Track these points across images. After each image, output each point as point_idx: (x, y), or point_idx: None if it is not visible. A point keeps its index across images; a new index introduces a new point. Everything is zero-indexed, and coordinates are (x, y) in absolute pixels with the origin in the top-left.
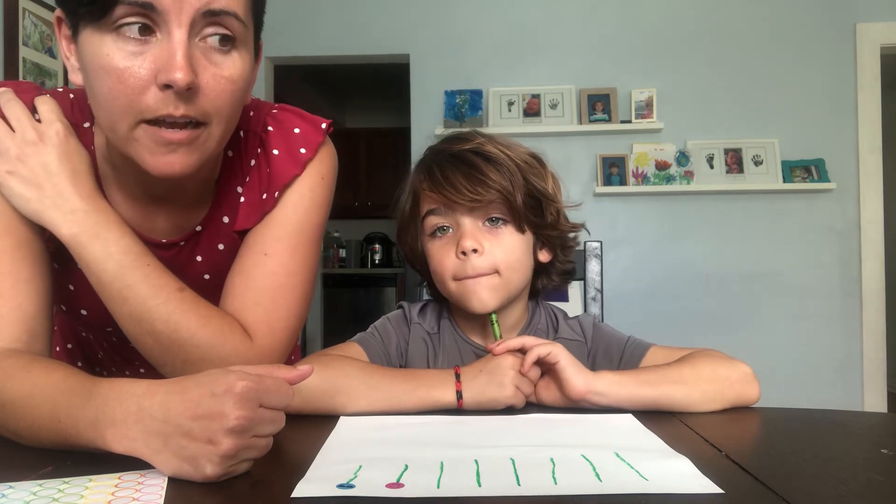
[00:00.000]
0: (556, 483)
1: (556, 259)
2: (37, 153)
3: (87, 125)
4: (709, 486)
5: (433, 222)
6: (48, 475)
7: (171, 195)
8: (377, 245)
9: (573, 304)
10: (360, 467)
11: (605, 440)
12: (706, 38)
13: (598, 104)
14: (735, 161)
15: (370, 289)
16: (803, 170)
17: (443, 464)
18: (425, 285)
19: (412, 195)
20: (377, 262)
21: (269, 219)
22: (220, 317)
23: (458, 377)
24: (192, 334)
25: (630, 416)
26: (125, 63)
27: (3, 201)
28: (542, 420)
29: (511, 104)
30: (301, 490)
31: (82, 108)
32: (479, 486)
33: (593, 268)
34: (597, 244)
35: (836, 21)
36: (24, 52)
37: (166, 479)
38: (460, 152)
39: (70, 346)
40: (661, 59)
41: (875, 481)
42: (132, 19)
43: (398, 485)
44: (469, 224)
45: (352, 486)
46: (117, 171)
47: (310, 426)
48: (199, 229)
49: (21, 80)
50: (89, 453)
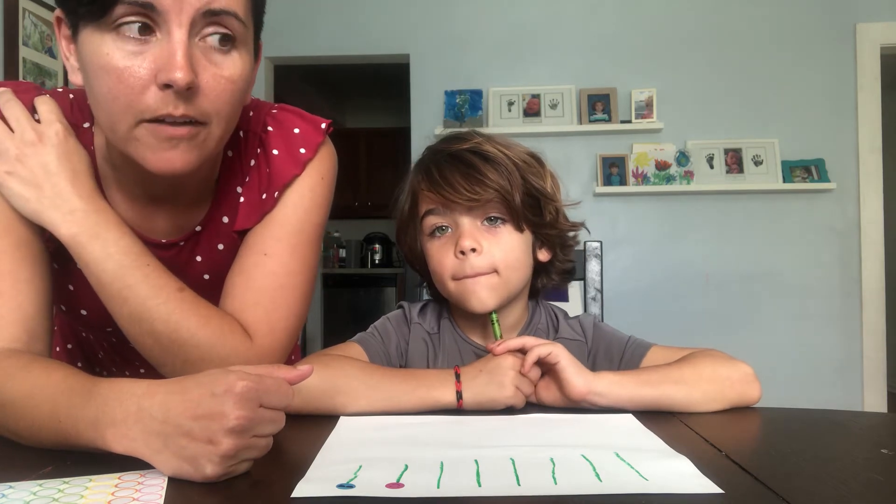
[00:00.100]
0: (556, 483)
1: (556, 258)
2: (36, 153)
3: (86, 125)
4: (709, 486)
5: (432, 222)
6: (48, 475)
7: (170, 195)
8: (377, 245)
9: (573, 304)
10: (360, 467)
11: (605, 440)
12: (706, 38)
13: (598, 104)
14: (735, 161)
15: (370, 289)
16: (803, 170)
17: (443, 464)
18: (425, 285)
19: (411, 195)
20: (377, 262)
21: (268, 219)
22: (220, 317)
23: (458, 377)
24: (192, 334)
25: (630, 416)
26: (125, 63)
27: (3, 201)
28: (542, 420)
29: (511, 104)
30: (301, 490)
31: (82, 109)
32: (479, 486)
33: (593, 268)
34: (597, 244)
35: (836, 21)
36: (24, 52)
37: (166, 479)
38: (458, 152)
39: (70, 346)
40: (661, 59)
41: (875, 481)
42: (132, 19)
43: (398, 485)
44: (467, 223)
45: (352, 486)
46: (117, 171)
47: (310, 426)
48: (198, 229)
49: (21, 80)
50: (89, 453)
